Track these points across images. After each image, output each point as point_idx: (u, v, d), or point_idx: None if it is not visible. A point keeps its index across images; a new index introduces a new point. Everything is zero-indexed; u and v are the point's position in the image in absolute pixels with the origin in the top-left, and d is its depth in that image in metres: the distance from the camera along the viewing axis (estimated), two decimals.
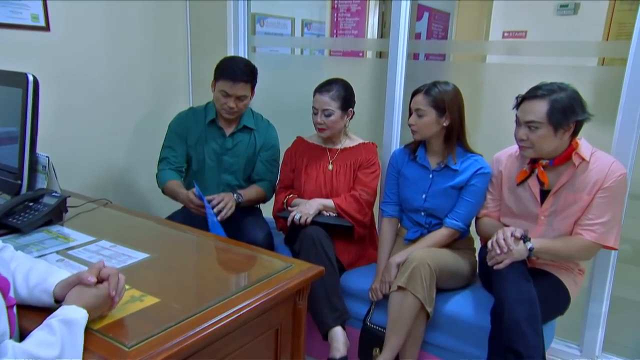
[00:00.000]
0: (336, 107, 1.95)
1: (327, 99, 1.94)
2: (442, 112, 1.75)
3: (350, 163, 2.01)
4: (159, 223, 1.69)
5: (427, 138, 1.82)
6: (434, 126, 1.77)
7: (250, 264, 1.41)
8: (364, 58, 2.79)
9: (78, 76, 2.27)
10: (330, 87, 1.95)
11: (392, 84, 2.18)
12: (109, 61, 2.39)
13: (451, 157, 1.80)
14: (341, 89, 1.96)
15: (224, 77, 1.98)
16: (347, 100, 1.97)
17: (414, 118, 1.79)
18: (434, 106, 1.75)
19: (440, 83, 1.77)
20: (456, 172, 1.80)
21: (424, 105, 1.76)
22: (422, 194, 1.86)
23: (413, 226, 1.92)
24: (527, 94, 1.59)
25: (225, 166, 2.13)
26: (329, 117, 1.96)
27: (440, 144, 1.82)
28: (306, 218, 1.89)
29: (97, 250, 1.38)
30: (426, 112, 1.76)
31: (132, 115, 2.54)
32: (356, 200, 1.96)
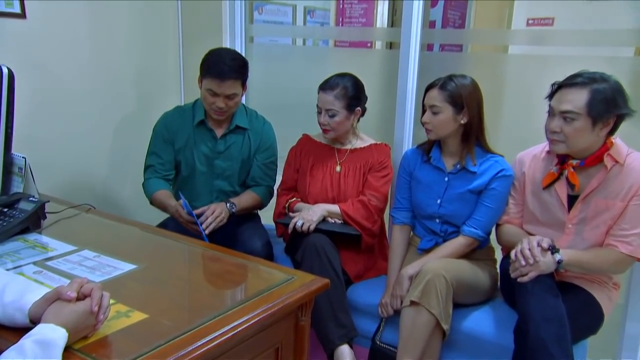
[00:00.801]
0: (341, 107, 1.95)
1: (330, 98, 1.94)
2: (459, 108, 1.75)
3: (360, 165, 2.02)
4: (147, 231, 1.69)
5: (443, 137, 1.82)
6: (450, 124, 1.77)
7: (247, 276, 1.41)
8: (373, 49, 2.79)
9: (56, 69, 2.27)
10: (334, 84, 1.95)
11: (403, 77, 2.17)
12: (91, 52, 2.40)
13: (470, 158, 1.80)
14: (347, 87, 1.95)
15: (209, 74, 1.95)
16: (354, 99, 1.97)
17: (429, 116, 1.79)
18: (451, 102, 1.75)
19: (457, 76, 1.77)
20: (474, 175, 1.79)
21: (439, 101, 1.76)
22: (437, 199, 1.85)
23: (427, 234, 1.91)
24: (565, 81, 1.57)
25: (217, 171, 2.12)
26: (333, 117, 1.96)
27: (457, 144, 1.82)
28: (309, 225, 1.89)
29: (79, 260, 1.37)
30: (442, 108, 1.76)
31: (117, 112, 2.55)
32: (365, 206, 1.96)
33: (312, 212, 1.92)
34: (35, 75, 2.19)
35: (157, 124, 2.15)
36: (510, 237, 1.77)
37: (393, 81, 2.22)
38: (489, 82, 2.07)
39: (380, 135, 2.24)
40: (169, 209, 1.97)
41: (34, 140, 2.16)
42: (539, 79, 2.00)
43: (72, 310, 0.97)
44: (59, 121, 2.31)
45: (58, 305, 0.97)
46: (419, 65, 2.15)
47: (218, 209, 1.94)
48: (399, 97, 2.20)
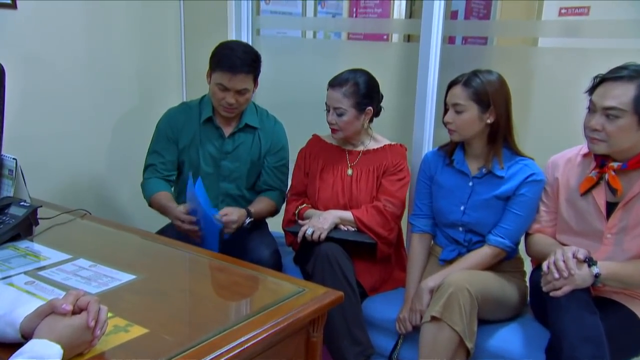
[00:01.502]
0: (349, 106, 1.94)
1: (338, 95, 1.94)
2: (485, 106, 1.74)
3: (374, 168, 2.02)
4: (146, 238, 1.70)
5: (467, 139, 1.81)
6: (475, 124, 1.76)
7: (255, 287, 1.41)
8: (389, 42, 2.79)
9: (50, 63, 2.29)
10: (344, 80, 1.95)
11: (424, 73, 2.17)
12: (87, 45, 2.41)
13: (497, 161, 1.78)
14: (359, 84, 1.95)
15: (220, 67, 1.97)
16: (365, 97, 1.97)
17: (451, 115, 1.79)
18: (476, 100, 1.74)
19: (483, 72, 1.76)
20: (501, 180, 1.78)
21: (463, 99, 1.75)
22: (460, 205, 1.84)
23: (449, 244, 1.90)
24: (609, 75, 1.55)
25: (224, 173, 2.13)
26: (341, 116, 1.96)
27: (482, 146, 1.81)
28: (320, 233, 1.89)
29: (73, 270, 1.38)
30: (466, 107, 1.75)
31: (115, 110, 2.57)
32: (380, 212, 1.95)
33: (323, 220, 1.92)
34: (27, 70, 2.20)
35: (160, 120, 2.16)
36: (541, 248, 1.75)
37: (412, 77, 2.21)
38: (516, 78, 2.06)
39: (397, 136, 2.23)
40: (169, 212, 1.97)
41: (25, 140, 2.17)
42: (572, 74, 1.99)
43: (67, 324, 0.97)
44: (53, 119, 2.33)
45: (52, 320, 0.97)
46: (440, 59, 2.15)
47: (235, 214, 1.93)
48: (419, 95, 2.20)
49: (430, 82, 2.17)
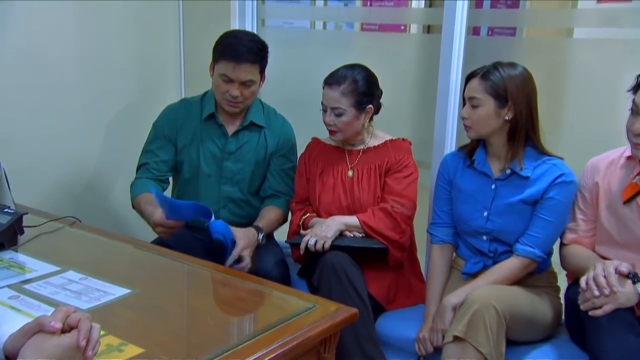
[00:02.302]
0: (348, 105, 1.95)
1: (336, 94, 1.95)
2: (503, 101, 1.74)
3: (375, 166, 2.03)
4: (142, 248, 1.70)
5: (485, 136, 1.81)
6: (492, 120, 1.76)
7: (260, 303, 1.42)
8: (407, 33, 2.78)
9: (36, 56, 2.29)
10: (341, 78, 1.96)
11: (445, 67, 2.16)
12: (78, 37, 2.42)
13: (517, 161, 1.78)
14: (357, 81, 1.96)
15: (224, 56, 1.98)
16: (365, 95, 1.97)
17: (467, 109, 1.79)
18: (493, 94, 1.74)
19: (504, 65, 1.76)
20: (527, 181, 1.78)
21: (479, 92, 1.75)
22: (483, 210, 1.84)
23: (473, 255, 1.89)
24: None
25: (226, 175, 2.13)
26: (340, 117, 1.96)
27: (503, 144, 1.81)
28: (323, 242, 1.89)
29: (62, 283, 1.38)
30: (482, 101, 1.75)
31: (107, 108, 2.57)
32: (388, 214, 1.95)
33: (326, 227, 1.92)
34: (11, 64, 2.21)
35: (158, 118, 2.17)
36: (579, 261, 1.73)
37: (432, 72, 2.21)
38: (549, 73, 2.05)
39: (417, 135, 2.23)
40: (147, 217, 1.95)
41: (9, 141, 2.18)
42: (612, 69, 1.96)
43: (56, 344, 0.97)
44: (40, 118, 2.33)
45: (39, 339, 0.97)
46: (464, 52, 2.14)
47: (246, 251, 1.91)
48: (440, 91, 2.19)
49: (453, 77, 2.15)
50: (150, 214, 1.90)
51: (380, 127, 2.13)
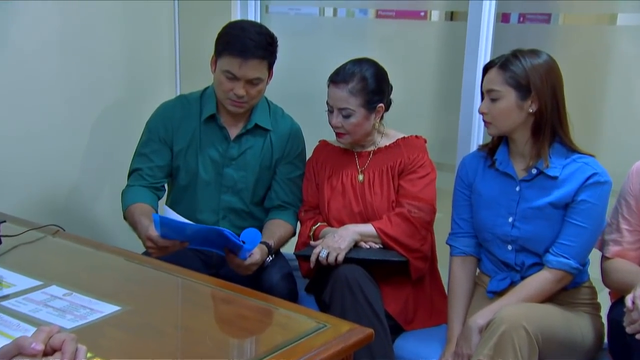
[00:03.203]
0: (358, 105, 1.96)
1: (344, 93, 1.96)
2: (525, 93, 1.74)
3: (387, 168, 2.04)
4: (133, 260, 1.70)
5: (506, 132, 1.81)
6: (514, 114, 1.76)
7: (264, 322, 1.41)
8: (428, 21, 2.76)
9: (16, 48, 2.30)
10: (349, 75, 1.97)
11: (472, 58, 2.17)
12: (61, 27, 2.43)
13: (543, 159, 1.77)
14: (366, 78, 1.97)
15: (229, 51, 1.97)
16: (375, 93, 1.98)
17: (486, 103, 1.79)
18: (514, 85, 1.74)
19: (525, 52, 1.76)
20: (555, 181, 1.77)
21: (498, 84, 1.75)
22: (508, 216, 1.83)
23: (498, 270, 1.89)
24: None
25: (227, 183, 2.13)
26: (349, 118, 1.98)
27: (526, 140, 1.80)
28: (336, 254, 1.89)
29: (44, 300, 1.37)
30: (501, 93, 1.75)
31: (93, 105, 2.58)
32: (406, 220, 1.96)
33: (338, 238, 1.92)
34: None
35: (152, 117, 2.17)
36: (623, 277, 1.72)
37: (457, 63, 2.21)
38: (587, 63, 2.04)
39: (439, 134, 2.23)
40: (138, 230, 1.93)
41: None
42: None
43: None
44: (17, 116, 2.34)
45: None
46: (492, 41, 2.15)
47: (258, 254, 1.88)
48: (466, 84, 2.19)
49: (480, 68, 2.10)
50: (145, 227, 1.86)
51: (398, 127, 2.13)
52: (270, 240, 1.99)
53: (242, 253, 1.80)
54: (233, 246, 1.78)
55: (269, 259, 1.98)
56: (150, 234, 1.79)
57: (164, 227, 1.74)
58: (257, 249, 1.88)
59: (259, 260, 1.89)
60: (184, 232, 1.79)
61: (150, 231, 1.79)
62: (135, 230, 1.97)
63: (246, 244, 1.78)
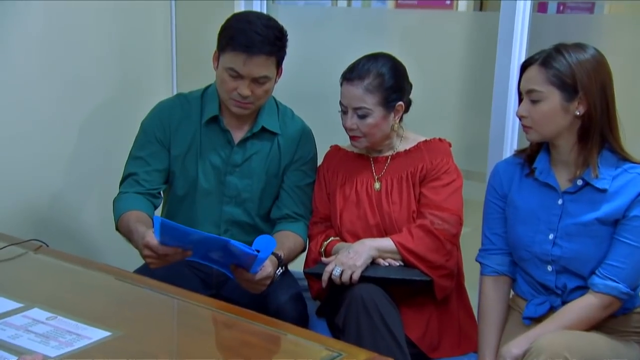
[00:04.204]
0: (374, 104, 1.96)
1: (359, 91, 1.96)
2: (571, 93, 1.72)
3: (407, 174, 2.04)
4: (124, 279, 1.70)
5: (549, 138, 1.79)
6: (558, 117, 1.74)
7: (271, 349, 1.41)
8: (454, 11, 2.77)
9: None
10: (364, 71, 1.97)
11: (505, 53, 2.16)
12: (46, 18, 2.43)
13: (591, 169, 1.75)
14: (383, 74, 1.97)
15: (233, 46, 1.97)
16: (393, 90, 1.98)
17: (526, 106, 1.77)
18: (558, 85, 1.72)
19: (569, 47, 1.75)
20: (604, 194, 1.75)
21: (540, 83, 1.73)
22: (548, 232, 1.81)
23: (536, 293, 1.87)
24: None
25: (229, 192, 2.14)
26: (365, 119, 1.98)
27: (572, 147, 1.79)
28: (352, 272, 1.88)
29: (25, 324, 1.37)
30: (544, 94, 1.73)
31: (81, 105, 2.58)
32: (429, 232, 1.95)
33: (353, 254, 1.91)
34: None
35: (148, 117, 2.17)
36: None
37: (488, 58, 2.20)
38: (637, 58, 2.01)
39: (467, 139, 2.23)
40: (135, 239, 1.91)
41: None
42: None
43: None
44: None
45: None
46: (528, 34, 2.13)
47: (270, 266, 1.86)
48: (498, 82, 2.19)
49: (514, 65, 2.15)
50: (142, 234, 1.84)
51: (420, 130, 2.13)
52: (280, 251, 1.97)
53: (255, 265, 1.77)
54: (243, 259, 1.76)
55: (279, 272, 1.95)
56: (148, 240, 1.76)
57: (164, 233, 1.71)
58: (268, 260, 1.85)
59: (271, 273, 1.86)
60: (188, 239, 1.75)
61: (149, 238, 1.76)
62: (131, 239, 1.96)
63: (260, 252, 1.75)
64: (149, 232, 1.78)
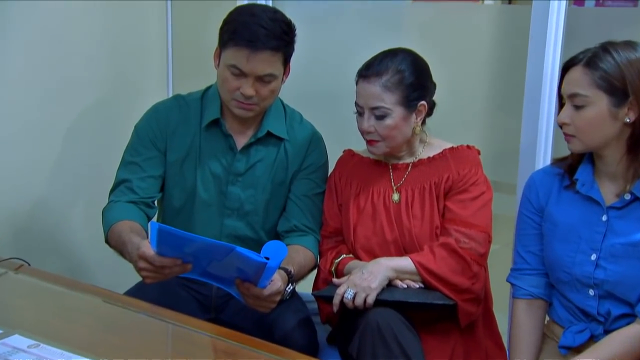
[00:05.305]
0: (394, 103, 1.96)
1: (376, 89, 1.96)
2: (620, 97, 1.71)
3: (430, 185, 2.03)
4: (113, 302, 1.70)
5: (595, 147, 1.78)
6: (605, 124, 1.72)
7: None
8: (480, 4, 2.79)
9: None
10: (382, 68, 1.97)
11: (537, 50, 2.16)
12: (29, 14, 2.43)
13: None
14: (403, 70, 1.97)
15: (235, 41, 1.97)
16: (414, 88, 1.97)
17: (569, 112, 1.76)
18: (606, 88, 1.71)
19: (618, 45, 1.73)
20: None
21: (584, 86, 1.72)
22: (591, 252, 1.79)
23: (575, 320, 1.85)
24: None
25: (231, 204, 2.15)
26: (383, 120, 1.97)
27: (619, 158, 1.77)
28: (366, 295, 1.87)
29: (4, 353, 1.36)
30: (590, 99, 1.72)
31: (69, 107, 2.58)
32: (453, 252, 1.93)
33: (368, 275, 1.90)
34: None
35: (143, 119, 2.17)
36: None
37: (518, 56, 2.21)
38: None
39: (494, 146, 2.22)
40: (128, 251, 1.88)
41: None
42: None
43: None
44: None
45: None
46: (564, 29, 2.13)
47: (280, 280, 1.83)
48: (530, 82, 2.18)
49: (548, 63, 2.16)
50: (136, 245, 1.81)
51: (441, 135, 2.12)
52: (290, 266, 1.95)
53: (264, 277, 1.74)
54: (250, 270, 1.73)
55: (289, 289, 1.94)
56: (144, 251, 1.73)
57: (162, 241, 1.68)
58: (277, 274, 1.83)
59: (281, 288, 1.84)
60: (188, 247, 1.72)
61: (144, 248, 1.73)
62: (123, 252, 1.94)
63: (270, 260, 1.71)
64: (145, 242, 1.76)
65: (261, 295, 1.77)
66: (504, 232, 2.10)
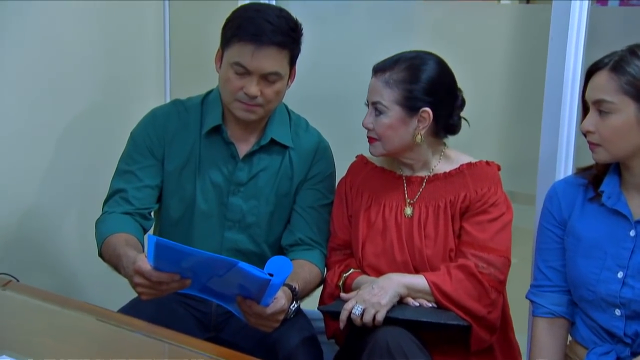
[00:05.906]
0: (392, 100, 1.97)
1: (379, 84, 1.98)
2: None
3: (445, 203, 2.03)
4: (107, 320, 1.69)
5: (621, 157, 1.78)
6: (633, 132, 1.73)
7: None
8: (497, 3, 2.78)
9: None
10: (393, 62, 1.99)
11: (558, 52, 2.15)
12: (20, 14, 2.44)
13: None
14: (414, 69, 1.97)
15: (239, 36, 1.98)
16: (422, 91, 1.96)
17: (594, 119, 1.76)
18: (633, 94, 1.71)
19: None
20: None
21: (610, 92, 1.72)
22: (618, 270, 1.79)
23: (600, 341, 1.85)
24: None
25: (232, 216, 2.15)
26: (379, 117, 1.99)
27: None
28: (375, 312, 1.86)
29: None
30: (616, 105, 1.72)
31: (59, 114, 2.59)
32: (471, 275, 1.93)
33: (378, 290, 1.90)
34: None
35: (139, 125, 2.18)
36: None
37: (537, 58, 2.21)
38: None
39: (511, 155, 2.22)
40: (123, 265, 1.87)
41: None
42: None
43: None
44: None
45: None
46: (586, 30, 2.13)
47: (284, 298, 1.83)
48: (550, 87, 2.18)
49: (569, 66, 2.16)
50: (132, 259, 1.81)
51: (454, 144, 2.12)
52: (294, 283, 1.95)
53: (267, 295, 1.73)
54: (253, 287, 1.73)
55: (294, 307, 1.94)
56: (140, 265, 1.72)
57: (160, 255, 1.67)
58: (281, 291, 1.83)
59: (285, 307, 1.84)
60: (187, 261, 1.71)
61: (140, 262, 1.72)
62: (118, 266, 1.93)
63: (274, 277, 1.71)
64: (141, 256, 1.75)
65: (264, 313, 1.76)
66: (521, 246, 2.09)
